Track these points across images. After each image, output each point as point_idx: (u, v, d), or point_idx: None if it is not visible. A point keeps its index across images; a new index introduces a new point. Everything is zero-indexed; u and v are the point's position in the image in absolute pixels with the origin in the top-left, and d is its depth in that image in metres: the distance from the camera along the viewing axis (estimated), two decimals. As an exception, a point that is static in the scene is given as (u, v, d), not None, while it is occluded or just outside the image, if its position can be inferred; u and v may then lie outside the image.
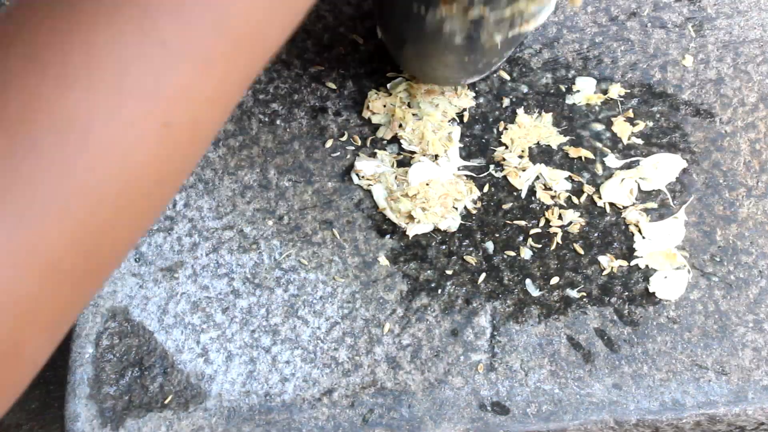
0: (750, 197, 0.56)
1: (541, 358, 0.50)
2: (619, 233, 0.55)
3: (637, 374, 0.50)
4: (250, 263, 0.54)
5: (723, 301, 0.52)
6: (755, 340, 0.51)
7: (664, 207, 0.56)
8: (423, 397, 0.49)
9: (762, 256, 0.54)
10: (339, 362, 0.50)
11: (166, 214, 0.55)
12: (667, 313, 0.52)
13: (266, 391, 0.49)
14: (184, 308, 0.52)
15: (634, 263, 0.53)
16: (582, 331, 0.51)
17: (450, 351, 0.51)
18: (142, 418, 0.48)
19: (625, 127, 0.58)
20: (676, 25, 0.63)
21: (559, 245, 0.54)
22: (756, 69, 0.61)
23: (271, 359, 0.50)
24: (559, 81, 0.60)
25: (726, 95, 0.60)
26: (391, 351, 0.51)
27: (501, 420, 0.48)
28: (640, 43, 0.62)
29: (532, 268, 0.53)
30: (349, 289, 0.53)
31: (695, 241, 0.54)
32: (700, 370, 0.50)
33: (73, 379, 0.50)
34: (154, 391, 0.49)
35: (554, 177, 0.56)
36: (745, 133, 0.58)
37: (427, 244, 0.54)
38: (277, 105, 0.59)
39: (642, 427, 0.49)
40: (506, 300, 0.52)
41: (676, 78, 0.60)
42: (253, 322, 0.52)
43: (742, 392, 0.49)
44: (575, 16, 0.63)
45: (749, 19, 0.63)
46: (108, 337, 0.51)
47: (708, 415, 0.49)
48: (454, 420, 0.48)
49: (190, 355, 0.50)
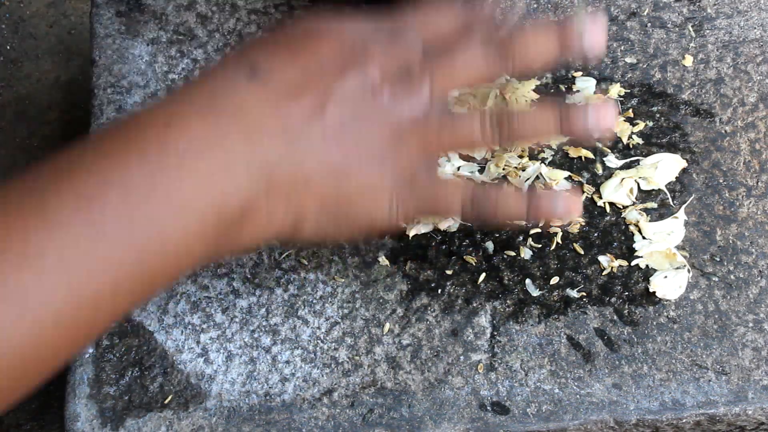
0: (750, 197, 0.56)
1: (541, 358, 0.50)
2: (619, 233, 0.55)
3: (637, 374, 0.50)
4: (250, 263, 0.54)
5: (723, 301, 0.52)
6: (755, 340, 0.51)
7: (664, 207, 0.56)
8: (423, 397, 0.49)
9: (762, 256, 0.54)
10: (339, 362, 0.50)
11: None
12: (667, 313, 0.52)
13: (266, 391, 0.49)
14: (184, 308, 0.52)
15: (634, 263, 0.53)
16: (582, 331, 0.51)
17: (450, 351, 0.51)
18: (142, 418, 0.48)
19: (625, 127, 0.58)
20: (676, 25, 0.63)
21: (559, 245, 0.54)
22: (756, 69, 0.61)
23: (271, 359, 0.50)
24: (559, 81, 0.60)
25: (726, 95, 0.60)
26: (391, 351, 0.51)
27: (501, 420, 0.48)
28: (640, 43, 0.62)
29: (532, 268, 0.53)
30: (349, 289, 0.53)
31: (695, 241, 0.54)
32: (700, 370, 0.50)
33: (73, 379, 0.50)
34: (154, 391, 0.49)
35: (554, 177, 0.56)
36: (745, 133, 0.58)
37: (427, 244, 0.54)
38: (277, 105, 0.59)
39: (642, 427, 0.49)
40: (506, 300, 0.52)
41: (676, 78, 0.60)
42: (253, 322, 0.52)
43: (742, 392, 0.49)
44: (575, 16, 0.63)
45: (749, 19, 0.63)
46: (108, 337, 0.51)
47: (708, 415, 0.49)
48: (454, 420, 0.48)
49: (190, 355, 0.50)
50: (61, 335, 0.34)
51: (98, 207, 0.33)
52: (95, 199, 0.33)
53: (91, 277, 0.33)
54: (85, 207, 0.33)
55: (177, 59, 0.61)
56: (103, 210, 0.33)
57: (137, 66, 0.60)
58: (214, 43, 0.62)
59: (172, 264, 0.36)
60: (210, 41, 0.62)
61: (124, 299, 0.35)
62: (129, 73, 0.60)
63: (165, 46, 0.61)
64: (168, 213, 0.35)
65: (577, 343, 0.51)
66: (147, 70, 0.60)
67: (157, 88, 0.60)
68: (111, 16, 0.63)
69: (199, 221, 0.36)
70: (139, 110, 0.38)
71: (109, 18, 0.63)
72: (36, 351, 0.33)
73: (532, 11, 0.63)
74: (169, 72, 0.60)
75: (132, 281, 0.35)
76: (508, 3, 0.64)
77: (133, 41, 0.62)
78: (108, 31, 0.62)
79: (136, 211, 0.34)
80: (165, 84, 0.60)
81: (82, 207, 0.33)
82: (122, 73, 0.60)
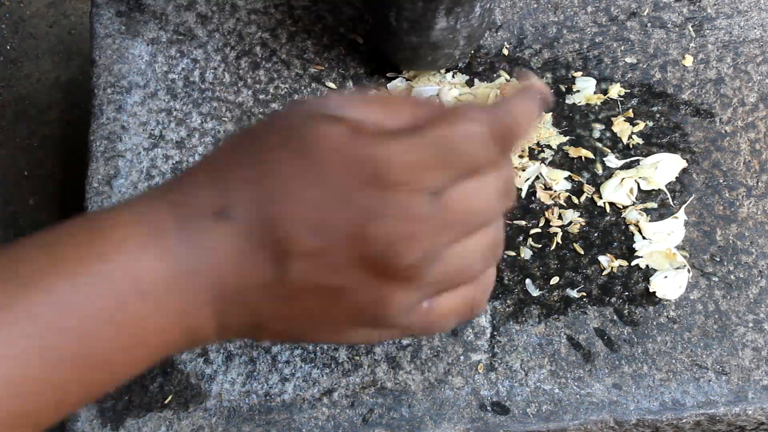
0: (750, 197, 0.56)
1: (541, 358, 0.50)
2: (619, 233, 0.55)
3: (637, 374, 0.50)
4: (250, 263, 0.53)
5: (723, 301, 0.52)
6: (755, 340, 0.51)
7: (664, 207, 0.56)
8: (423, 397, 0.49)
9: (762, 256, 0.54)
10: (339, 362, 0.50)
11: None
12: (667, 313, 0.52)
13: (266, 391, 0.49)
14: (184, 308, 0.52)
15: (634, 263, 0.53)
16: (582, 331, 0.51)
17: (450, 351, 0.51)
18: (142, 418, 0.48)
19: (625, 127, 0.58)
20: (676, 25, 0.63)
21: (559, 245, 0.54)
22: (756, 69, 0.61)
23: (270, 359, 0.50)
24: (559, 81, 0.60)
25: (726, 95, 0.60)
26: (391, 351, 0.51)
27: (501, 420, 0.48)
28: (640, 43, 0.62)
29: (532, 268, 0.53)
30: (349, 289, 0.53)
31: (695, 241, 0.54)
32: (700, 370, 0.50)
33: (73, 379, 0.50)
34: (154, 391, 0.49)
35: (554, 177, 0.56)
36: (745, 133, 0.58)
37: (427, 244, 0.54)
38: (277, 105, 0.59)
39: (642, 427, 0.49)
40: (506, 300, 0.52)
41: (676, 78, 0.60)
42: (253, 322, 0.52)
43: (742, 392, 0.49)
44: (575, 16, 0.63)
45: (749, 19, 0.63)
46: (108, 337, 0.51)
47: (708, 415, 0.49)
48: (454, 420, 0.48)
49: (190, 355, 0.50)
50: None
51: (50, 324, 0.34)
52: (45, 312, 0.34)
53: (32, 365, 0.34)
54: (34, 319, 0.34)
55: (177, 59, 0.61)
56: (58, 330, 0.34)
57: (137, 66, 0.60)
58: (214, 43, 0.62)
59: (116, 374, 0.37)
60: (210, 41, 0.62)
61: None
62: (129, 73, 0.60)
63: (165, 46, 0.61)
64: (117, 344, 0.36)
65: (577, 343, 0.51)
66: (147, 69, 0.60)
67: (157, 88, 0.60)
68: (111, 16, 0.63)
69: (149, 351, 0.37)
70: (111, 220, 0.37)
71: (109, 18, 0.63)
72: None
73: (532, 11, 0.63)
74: (168, 72, 0.60)
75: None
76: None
77: (133, 41, 0.62)
78: (108, 31, 0.62)
79: (88, 333, 0.35)
80: (165, 84, 0.60)
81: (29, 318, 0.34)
82: (122, 73, 0.60)
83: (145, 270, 0.35)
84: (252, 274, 0.36)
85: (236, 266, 0.36)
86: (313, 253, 0.35)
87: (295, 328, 0.38)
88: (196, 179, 0.37)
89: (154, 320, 0.36)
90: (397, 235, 0.35)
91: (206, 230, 0.36)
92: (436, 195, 0.36)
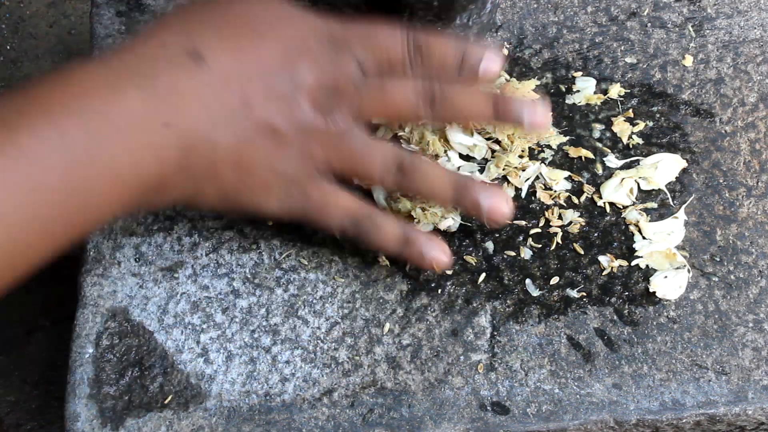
0: (750, 197, 0.56)
1: (541, 358, 0.50)
2: (619, 233, 0.55)
3: (637, 374, 0.50)
4: (250, 263, 0.54)
5: (723, 301, 0.52)
6: (755, 340, 0.51)
7: (664, 207, 0.56)
8: (423, 397, 0.49)
9: (762, 256, 0.54)
10: (339, 362, 0.50)
11: (166, 214, 0.55)
12: (667, 313, 0.52)
13: (266, 391, 0.49)
14: (184, 308, 0.52)
15: (634, 263, 0.53)
16: (582, 331, 0.51)
17: (450, 351, 0.51)
18: (142, 418, 0.49)
19: (625, 127, 0.58)
20: (676, 25, 0.63)
21: (559, 245, 0.54)
22: (756, 69, 0.61)
23: (271, 359, 0.50)
24: (559, 81, 0.60)
25: (726, 95, 0.60)
26: (391, 351, 0.51)
27: (501, 420, 0.48)
28: (640, 43, 0.62)
29: (532, 268, 0.53)
30: (349, 289, 0.53)
31: (695, 241, 0.54)
32: (700, 370, 0.50)
33: (73, 379, 0.50)
34: (154, 391, 0.49)
35: (554, 177, 0.56)
36: (745, 133, 0.58)
37: (427, 244, 0.54)
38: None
39: (642, 427, 0.49)
40: (506, 300, 0.52)
41: (676, 78, 0.60)
42: (253, 322, 0.52)
43: (742, 392, 0.49)
44: (575, 16, 0.63)
45: (749, 19, 0.63)
46: (108, 337, 0.51)
47: (708, 415, 0.49)
48: (454, 420, 0.48)
49: (190, 355, 0.51)
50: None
51: (38, 163, 0.38)
52: (31, 152, 0.38)
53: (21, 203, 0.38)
54: (23, 158, 0.38)
55: (177, 59, 0.61)
56: (42, 166, 0.38)
57: (137, 66, 0.60)
58: (214, 43, 0.62)
59: (93, 214, 0.42)
60: (210, 41, 0.62)
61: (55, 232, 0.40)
62: (129, 73, 0.60)
63: (165, 46, 0.61)
64: (99, 178, 0.41)
65: (577, 343, 0.51)
66: (147, 70, 0.60)
67: (157, 88, 0.60)
68: (111, 16, 0.63)
69: (125, 187, 0.42)
70: (82, 66, 0.42)
71: (109, 18, 0.63)
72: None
73: (532, 11, 0.63)
74: (169, 72, 0.60)
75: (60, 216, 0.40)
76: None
77: (133, 41, 0.62)
78: (108, 31, 0.62)
79: (71, 170, 0.39)
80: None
81: (19, 158, 0.38)
82: (122, 73, 0.60)
83: (121, 107, 0.41)
84: (219, 112, 0.43)
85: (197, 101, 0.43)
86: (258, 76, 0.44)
87: (229, 192, 0.46)
88: (164, 34, 0.44)
89: (129, 153, 0.41)
90: (326, 79, 0.45)
91: (178, 70, 0.42)
92: (363, 73, 0.46)
